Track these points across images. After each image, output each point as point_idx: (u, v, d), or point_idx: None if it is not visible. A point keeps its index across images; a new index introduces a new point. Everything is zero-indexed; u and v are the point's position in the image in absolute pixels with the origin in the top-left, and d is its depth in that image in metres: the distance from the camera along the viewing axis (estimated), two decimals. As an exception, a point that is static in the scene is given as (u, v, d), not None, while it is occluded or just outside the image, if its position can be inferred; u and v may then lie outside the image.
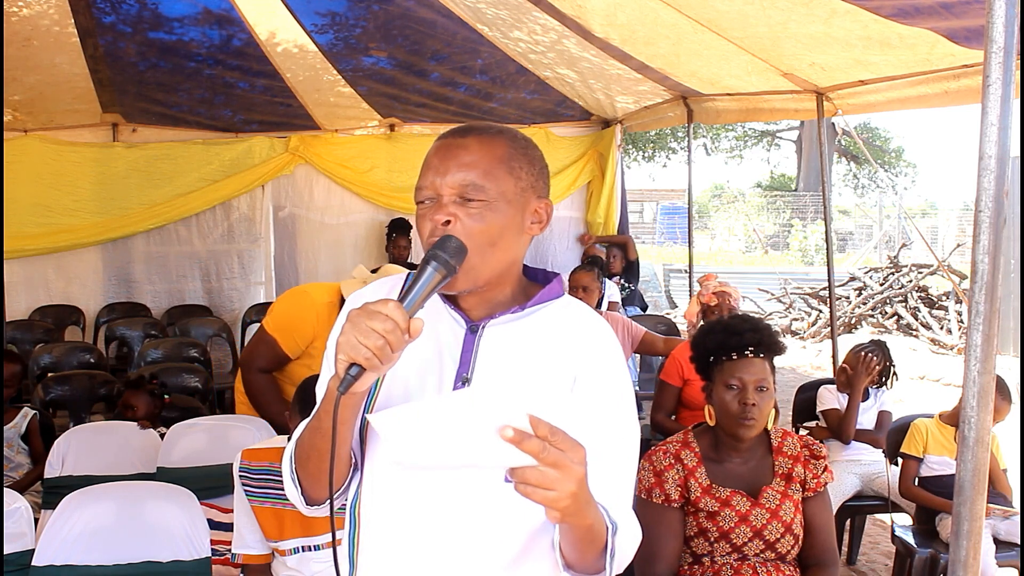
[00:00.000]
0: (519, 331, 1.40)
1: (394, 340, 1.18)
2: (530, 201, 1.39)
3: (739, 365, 2.33)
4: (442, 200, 1.33)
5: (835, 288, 5.72)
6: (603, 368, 1.40)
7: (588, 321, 1.44)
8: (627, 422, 1.42)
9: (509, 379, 1.36)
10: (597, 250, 6.91)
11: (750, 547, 2.24)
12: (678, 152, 26.24)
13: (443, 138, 1.39)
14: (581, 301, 1.50)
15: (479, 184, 1.33)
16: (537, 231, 1.42)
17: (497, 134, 1.39)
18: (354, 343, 1.18)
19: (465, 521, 1.33)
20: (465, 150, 1.35)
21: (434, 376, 1.37)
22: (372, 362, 1.19)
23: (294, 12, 5.36)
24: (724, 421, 2.32)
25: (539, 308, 1.41)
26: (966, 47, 3.42)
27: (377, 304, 1.20)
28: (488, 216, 1.33)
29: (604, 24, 4.74)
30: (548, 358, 1.38)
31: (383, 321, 1.18)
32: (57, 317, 6.41)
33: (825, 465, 2.34)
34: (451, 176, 1.33)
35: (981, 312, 1.62)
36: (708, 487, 2.28)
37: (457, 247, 1.29)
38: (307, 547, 2.47)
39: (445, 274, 1.28)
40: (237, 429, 3.29)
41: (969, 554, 1.65)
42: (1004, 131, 1.60)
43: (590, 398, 1.37)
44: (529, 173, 1.39)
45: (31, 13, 5.01)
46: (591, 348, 1.41)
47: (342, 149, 7.26)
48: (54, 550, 2.44)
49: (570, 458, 1.11)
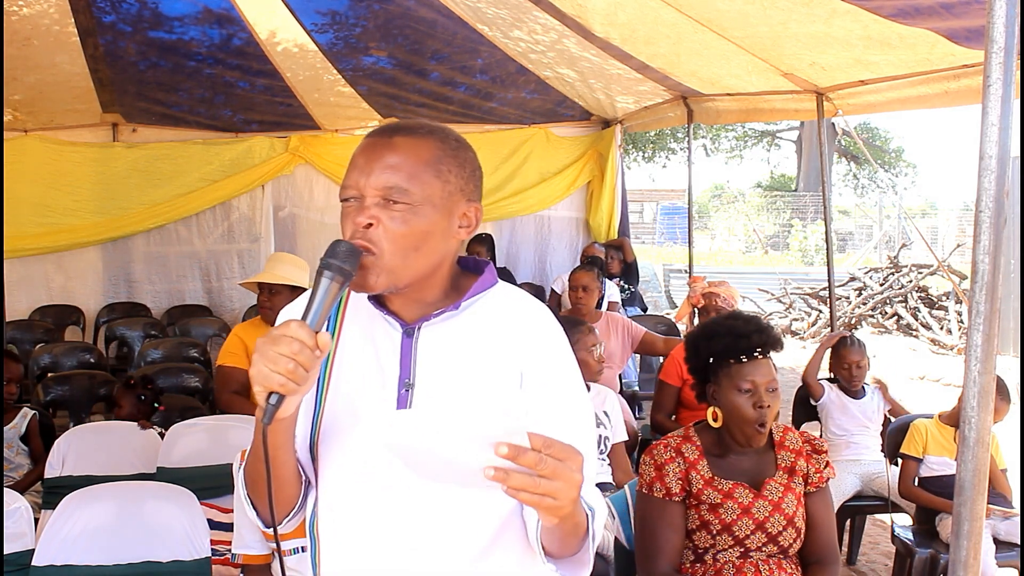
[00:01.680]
0: (457, 329, 1.37)
1: (304, 360, 1.17)
2: (458, 204, 1.35)
3: (750, 368, 2.29)
4: (364, 202, 1.30)
5: (835, 288, 5.71)
6: (548, 357, 1.39)
7: (526, 309, 1.42)
8: (579, 406, 1.42)
9: (453, 384, 1.34)
10: (596, 250, 6.91)
11: (752, 540, 2.24)
12: (678, 152, 26.24)
13: (371, 136, 1.35)
14: (515, 288, 1.47)
15: (403, 187, 1.29)
16: (465, 235, 1.38)
17: (427, 135, 1.34)
18: (266, 372, 1.17)
19: (430, 518, 1.32)
20: (391, 150, 1.31)
21: (376, 384, 1.35)
22: (288, 387, 1.17)
23: (294, 11, 5.36)
24: (738, 425, 2.29)
25: (474, 301, 1.38)
26: (966, 47, 3.42)
27: (280, 327, 1.19)
28: (411, 220, 1.30)
29: (604, 24, 4.74)
30: (491, 356, 1.36)
31: (288, 344, 1.16)
32: (57, 317, 6.41)
33: (827, 461, 2.34)
34: (375, 177, 1.30)
35: (981, 312, 1.62)
36: (710, 479, 2.28)
37: (347, 251, 1.26)
38: (307, 547, 2.47)
39: (342, 280, 1.24)
40: (237, 429, 3.30)
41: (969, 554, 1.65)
42: (1004, 131, 1.60)
43: (540, 390, 1.37)
44: (459, 176, 1.35)
45: (31, 12, 5.01)
46: (533, 338, 1.38)
47: (342, 149, 7.25)
48: (54, 550, 2.44)
49: (569, 467, 1.12)
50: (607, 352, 3.96)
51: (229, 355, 3.95)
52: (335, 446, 1.36)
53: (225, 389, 3.90)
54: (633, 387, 5.31)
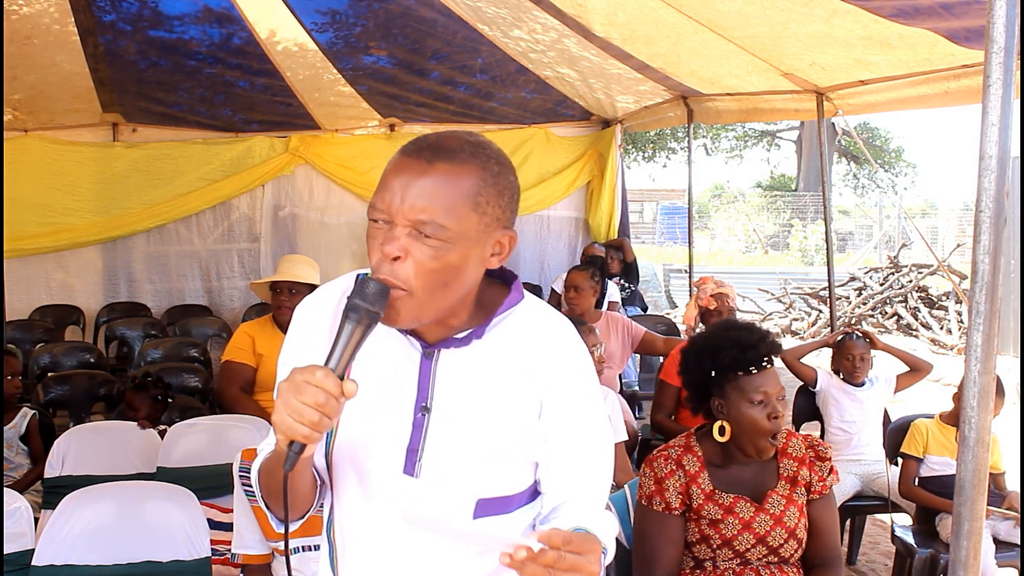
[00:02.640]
0: (478, 353, 1.32)
1: (330, 410, 1.13)
2: (494, 234, 1.27)
3: (761, 379, 2.23)
4: (395, 230, 1.21)
5: (835, 288, 5.72)
6: (569, 384, 1.35)
7: (549, 330, 1.36)
8: (598, 432, 1.40)
9: (471, 410, 1.31)
10: (596, 249, 6.91)
11: (753, 553, 2.22)
12: (678, 152, 26.23)
13: (408, 154, 1.24)
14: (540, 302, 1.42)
15: (439, 223, 1.20)
16: (495, 264, 1.30)
17: (468, 160, 1.23)
18: (290, 424, 1.13)
19: (443, 550, 1.33)
20: (429, 178, 1.20)
21: (393, 405, 1.31)
22: (312, 437, 1.14)
23: (294, 11, 5.36)
24: (750, 438, 2.23)
25: (498, 322, 1.33)
26: (966, 47, 3.42)
27: (305, 374, 1.13)
28: (444, 256, 1.21)
29: (604, 23, 4.75)
30: (510, 383, 1.32)
31: (314, 394, 1.12)
32: (57, 317, 6.41)
33: (831, 467, 2.30)
34: (408, 205, 1.20)
35: (981, 312, 1.62)
36: (711, 493, 2.24)
37: (376, 292, 1.18)
38: (307, 547, 2.47)
39: (368, 323, 1.18)
40: (237, 429, 3.30)
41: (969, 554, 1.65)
42: (1004, 131, 1.60)
43: (559, 419, 1.34)
44: (496, 206, 1.26)
45: (31, 11, 5.01)
46: (555, 366, 1.34)
47: (342, 149, 7.26)
48: (54, 550, 2.44)
49: (588, 559, 1.12)
50: (607, 352, 3.96)
51: (237, 351, 3.95)
52: (351, 469, 1.35)
53: (232, 384, 3.89)
54: (633, 387, 5.31)
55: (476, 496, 1.32)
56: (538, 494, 1.39)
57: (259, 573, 2.54)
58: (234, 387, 3.88)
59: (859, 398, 4.15)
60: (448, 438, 1.30)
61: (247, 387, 3.91)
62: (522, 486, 1.36)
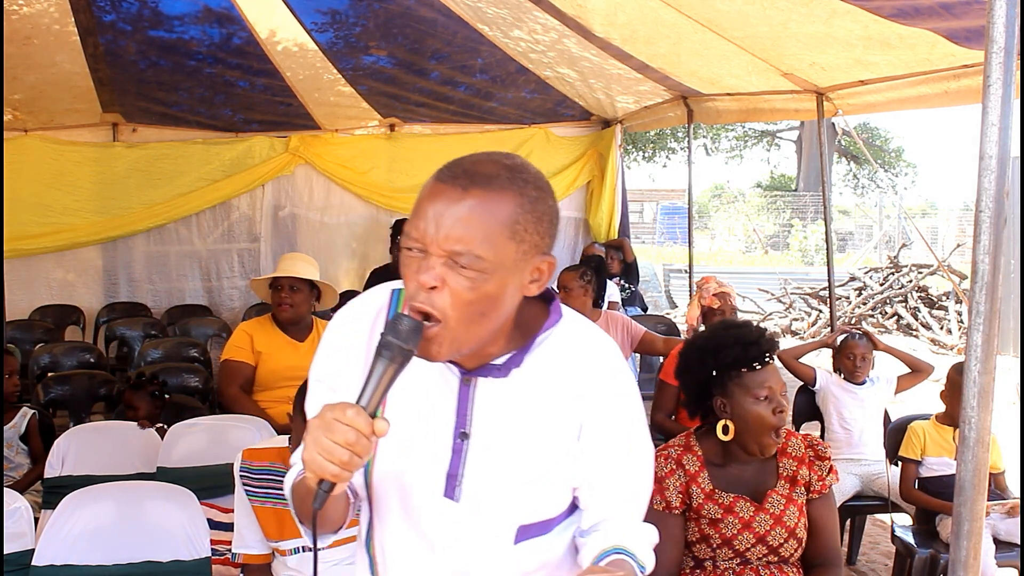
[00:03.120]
0: (517, 378, 1.30)
1: (361, 449, 1.12)
2: (532, 260, 1.24)
3: (765, 375, 2.24)
4: (430, 259, 1.17)
5: (835, 288, 5.72)
6: (609, 404, 1.33)
7: (588, 350, 1.34)
8: (640, 452, 1.38)
9: (509, 436, 1.30)
10: (596, 249, 6.90)
11: (753, 552, 2.22)
12: (678, 152, 26.23)
13: (442, 180, 1.20)
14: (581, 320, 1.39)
15: (475, 254, 1.16)
16: (534, 291, 1.26)
17: (505, 187, 1.19)
18: (321, 462, 1.11)
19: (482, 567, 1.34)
20: (464, 207, 1.17)
21: (432, 430, 1.31)
22: (342, 476, 1.13)
23: (294, 10, 5.36)
24: (755, 435, 2.23)
25: (536, 346, 1.31)
26: (966, 47, 3.42)
27: (336, 412, 1.12)
28: (481, 287, 1.18)
29: (604, 24, 4.75)
30: (549, 408, 1.31)
31: (344, 434, 1.10)
32: (57, 317, 6.40)
33: (831, 466, 2.31)
34: (443, 235, 1.16)
35: (981, 312, 1.62)
36: (711, 492, 2.25)
37: (409, 329, 1.16)
38: (307, 547, 2.47)
39: (401, 360, 1.16)
40: (237, 429, 3.30)
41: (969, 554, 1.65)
42: (1004, 131, 1.60)
43: (600, 440, 1.33)
44: (535, 233, 1.22)
45: (31, 11, 5.01)
46: (594, 385, 1.32)
47: (342, 149, 7.26)
48: (54, 550, 2.44)
49: None
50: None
51: (236, 349, 3.94)
52: (393, 492, 1.34)
53: (231, 383, 3.88)
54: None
55: (517, 523, 1.32)
56: (576, 508, 1.39)
57: (259, 573, 2.54)
58: (234, 386, 3.87)
59: (860, 397, 4.15)
60: (487, 465, 1.30)
61: (246, 385, 3.91)
62: (561, 508, 1.36)
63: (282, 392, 3.74)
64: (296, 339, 3.98)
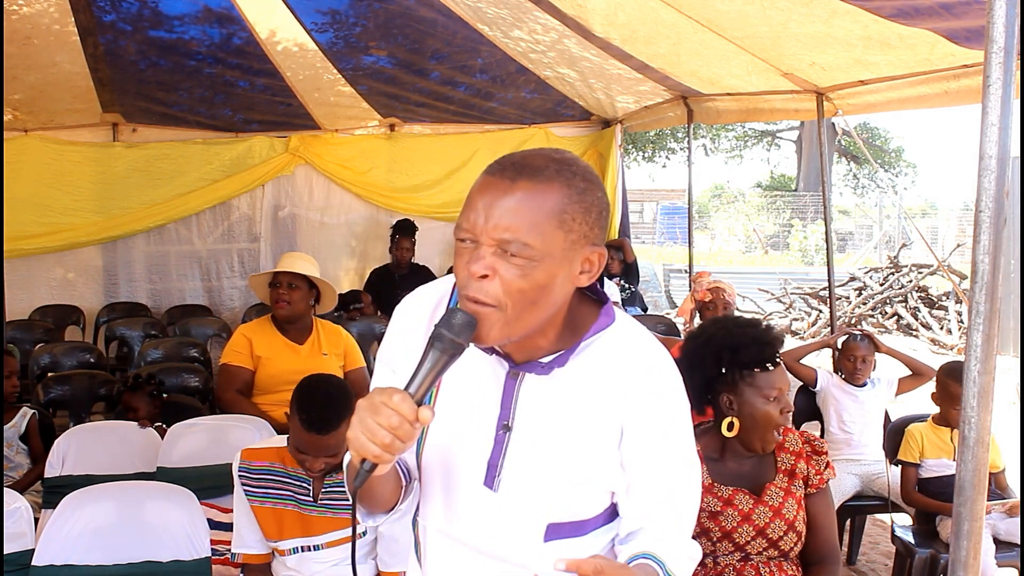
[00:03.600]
0: (563, 376, 1.33)
1: (403, 433, 1.16)
2: (581, 251, 1.26)
3: (776, 375, 2.26)
4: (480, 250, 1.22)
5: (835, 288, 5.71)
6: (652, 411, 1.34)
7: (636, 355, 1.34)
8: (683, 462, 1.38)
9: (550, 432, 1.33)
10: (596, 250, 6.90)
11: (753, 546, 2.24)
12: (678, 152, 26.23)
13: (491, 174, 1.25)
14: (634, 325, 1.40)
15: (523, 241, 1.20)
16: (585, 282, 1.28)
17: (552, 178, 1.23)
18: (363, 441, 1.16)
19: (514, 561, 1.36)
20: (512, 197, 1.21)
21: (477, 419, 1.35)
22: (383, 458, 1.18)
23: (294, 11, 5.36)
24: (760, 433, 2.25)
25: (587, 346, 1.33)
26: (966, 47, 3.42)
27: (383, 396, 1.17)
28: (530, 274, 1.21)
29: (604, 24, 4.74)
30: (592, 408, 1.32)
31: (389, 417, 1.16)
32: (57, 317, 6.40)
33: (827, 461, 2.33)
34: (492, 224, 1.21)
35: (981, 312, 1.62)
36: (710, 486, 2.27)
37: (463, 323, 1.21)
38: (306, 547, 2.47)
39: (452, 353, 1.21)
40: (237, 429, 3.30)
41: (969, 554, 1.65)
42: (1004, 131, 1.60)
43: (640, 449, 1.34)
44: (584, 223, 1.25)
45: (31, 11, 5.01)
46: (638, 390, 1.33)
47: (342, 149, 7.26)
48: (54, 550, 2.44)
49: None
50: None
51: (234, 354, 3.94)
52: (438, 475, 1.40)
53: (229, 388, 3.89)
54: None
55: (547, 519, 1.34)
56: (616, 516, 1.39)
57: (259, 573, 2.54)
58: (231, 390, 3.87)
59: (860, 399, 4.15)
60: (525, 458, 1.33)
61: (244, 389, 3.90)
62: (595, 511, 1.36)
63: (281, 395, 3.72)
64: (295, 341, 3.97)
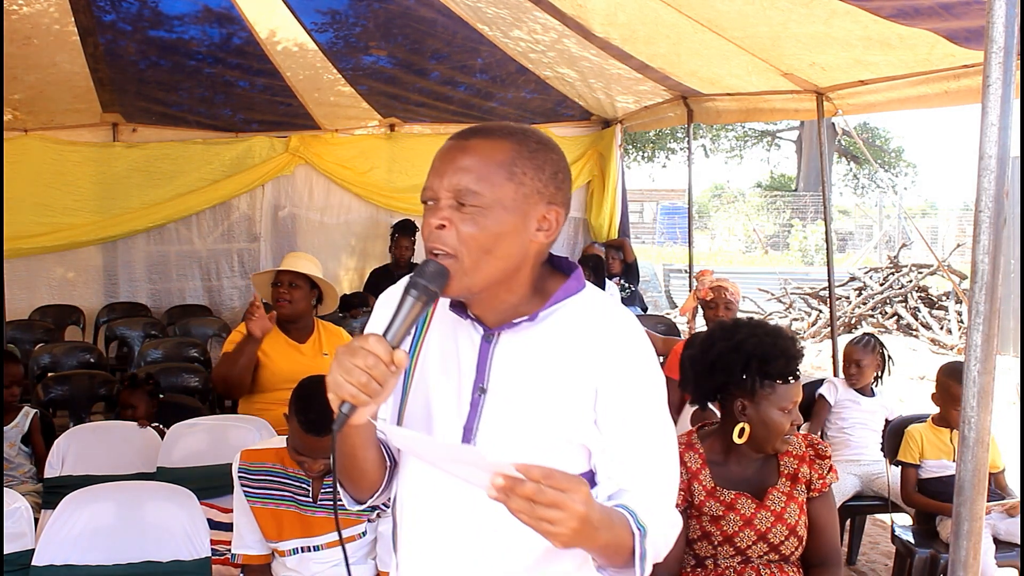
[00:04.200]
0: (536, 338, 1.37)
1: (378, 374, 1.21)
2: (536, 207, 1.34)
3: (795, 389, 2.26)
4: (439, 203, 1.32)
5: (835, 288, 5.72)
6: (626, 375, 1.37)
7: (609, 319, 1.40)
8: (657, 423, 1.40)
9: (525, 392, 1.36)
10: (596, 249, 6.90)
11: (754, 550, 2.23)
12: (678, 152, 26.23)
13: (451, 139, 1.37)
14: (603, 294, 1.46)
15: (473, 189, 1.30)
16: (543, 239, 1.36)
17: (503, 136, 1.34)
18: (340, 381, 1.21)
19: (492, 521, 1.34)
20: (464, 153, 1.32)
21: (453, 385, 1.39)
22: (359, 398, 1.21)
23: (294, 10, 5.36)
24: (769, 440, 2.26)
25: (556, 309, 1.38)
26: (966, 47, 3.42)
27: (360, 339, 1.23)
28: (481, 222, 1.30)
29: (604, 23, 4.74)
30: (566, 369, 1.36)
31: (364, 357, 1.20)
32: (57, 317, 6.40)
33: (830, 465, 2.33)
34: (447, 179, 1.31)
35: (981, 312, 1.62)
36: (713, 490, 2.26)
37: (435, 272, 1.29)
38: (306, 548, 2.47)
39: (426, 300, 1.28)
40: (237, 429, 3.30)
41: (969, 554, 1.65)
42: (1004, 131, 1.60)
43: (614, 409, 1.37)
44: (535, 179, 1.34)
45: (31, 11, 5.01)
46: (612, 354, 1.37)
47: (342, 149, 7.26)
48: (54, 550, 2.44)
49: (570, 497, 1.14)
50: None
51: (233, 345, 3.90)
52: None
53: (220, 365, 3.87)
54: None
55: None
56: (594, 484, 1.41)
57: (259, 573, 2.54)
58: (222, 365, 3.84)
59: (863, 407, 4.14)
60: (500, 417, 1.36)
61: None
62: (573, 468, 1.37)
63: (281, 395, 3.70)
64: (297, 340, 3.96)
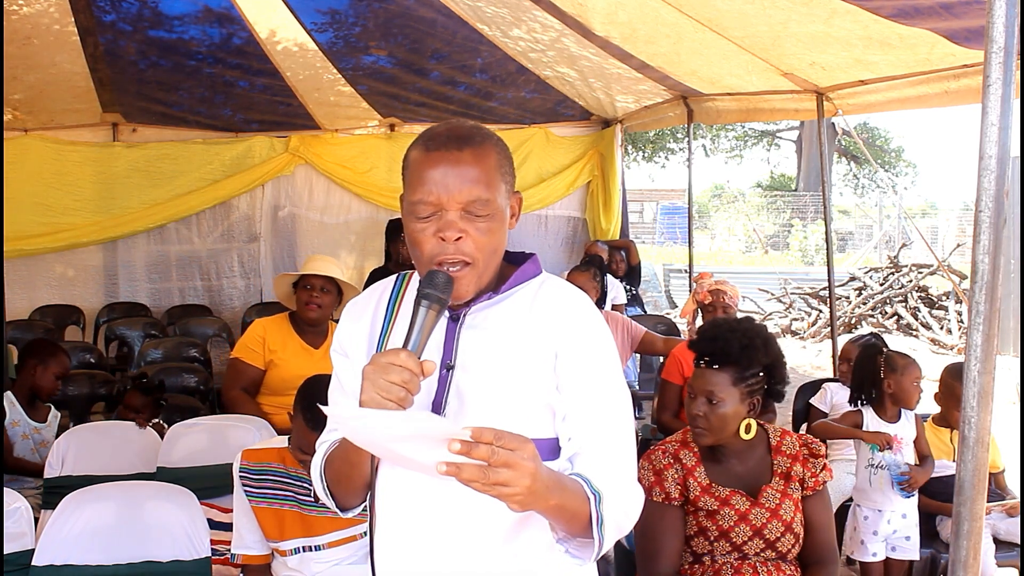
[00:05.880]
0: (498, 314, 1.46)
1: (413, 387, 1.28)
2: (509, 198, 1.45)
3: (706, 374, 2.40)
4: (446, 215, 1.37)
5: (835, 288, 5.72)
6: (582, 340, 1.45)
7: (564, 296, 1.49)
8: (612, 388, 1.46)
9: (490, 364, 1.42)
10: (599, 248, 6.89)
11: (750, 546, 2.25)
12: (678, 152, 26.22)
13: (434, 149, 1.39)
14: (559, 278, 1.54)
15: (484, 198, 1.37)
16: (514, 224, 1.47)
17: (485, 141, 1.42)
18: (379, 400, 1.27)
19: (464, 498, 1.36)
20: (467, 165, 1.38)
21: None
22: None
23: (294, 10, 5.36)
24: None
25: (516, 290, 1.47)
26: (966, 47, 3.42)
27: (390, 356, 1.28)
28: (493, 227, 1.40)
29: (604, 23, 4.74)
30: (527, 338, 1.44)
31: (399, 373, 1.27)
32: (57, 317, 6.40)
33: (824, 463, 2.35)
34: (459, 193, 1.37)
35: (981, 312, 1.62)
36: (707, 486, 2.29)
37: (445, 282, 1.35)
38: (307, 547, 2.47)
39: (439, 309, 1.35)
40: (237, 429, 3.30)
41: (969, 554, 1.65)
42: (1004, 131, 1.60)
43: (572, 371, 1.43)
44: (509, 172, 1.45)
45: (31, 11, 5.01)
46: (569, 322, 1.45)
47: (342, 149, 7.26)
48: (54, 550, 2.44)
49: (520, 456, 1.18)
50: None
51: (247, 350, 3.87)
52: None
53: (234, 385, 3.83)
54: (633, 387, 5.31)
55: None
56: (560, 451, 1.45)
57: (259, 573, 2.54)
58: (236, 387, 3.82)
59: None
60: (467, 390, 1.42)
61: (251, 387, 3.85)
62: (539, 433, 1.41)
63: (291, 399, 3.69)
64: (311, 344, 3.89)
